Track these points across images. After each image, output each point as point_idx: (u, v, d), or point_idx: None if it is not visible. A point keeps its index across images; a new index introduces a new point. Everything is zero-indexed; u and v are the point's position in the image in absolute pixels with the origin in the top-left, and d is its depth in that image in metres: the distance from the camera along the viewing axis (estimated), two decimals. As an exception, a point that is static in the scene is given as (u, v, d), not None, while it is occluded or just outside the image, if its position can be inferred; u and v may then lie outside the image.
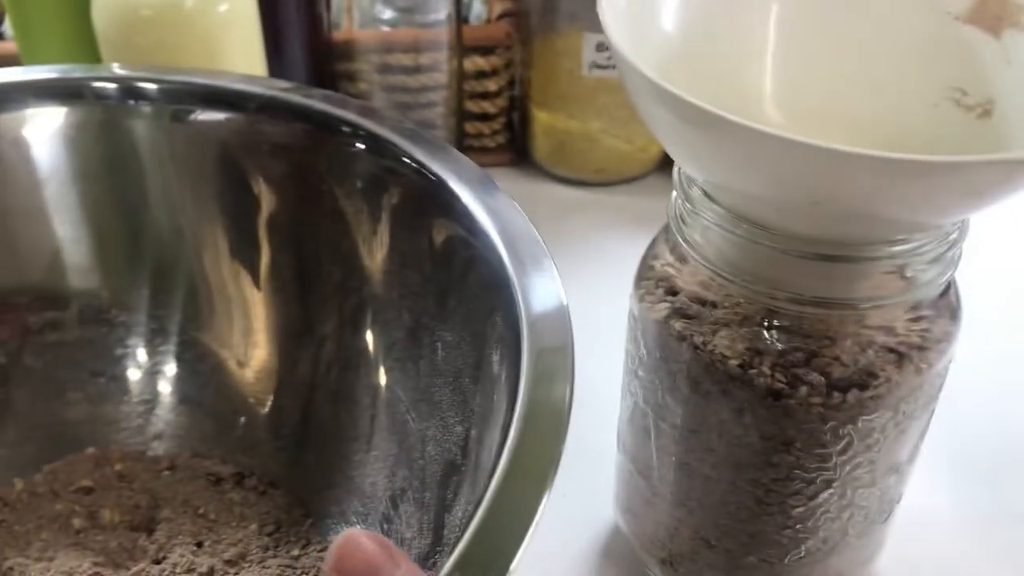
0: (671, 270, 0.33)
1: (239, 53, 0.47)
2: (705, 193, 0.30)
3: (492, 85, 0.63)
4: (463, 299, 0.33)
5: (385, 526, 0.37)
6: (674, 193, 0.32)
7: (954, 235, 0.30)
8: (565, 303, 0.29)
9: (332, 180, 0.36)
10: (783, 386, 0.30)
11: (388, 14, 0.59)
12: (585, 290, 0.37)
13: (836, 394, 0.30)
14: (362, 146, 0.36)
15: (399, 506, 0.37)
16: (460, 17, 0.56)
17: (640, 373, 0.34)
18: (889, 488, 0.34)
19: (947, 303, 0.32)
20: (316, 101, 0.37)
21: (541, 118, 0.64)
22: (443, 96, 0.59)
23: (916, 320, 0.32)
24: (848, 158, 0.22)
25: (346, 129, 0.35)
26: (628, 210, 0.63)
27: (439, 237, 0.34)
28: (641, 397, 0.35)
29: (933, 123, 0.32)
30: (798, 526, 0.33)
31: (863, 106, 0.33)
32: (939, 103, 0.32)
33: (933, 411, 0.35)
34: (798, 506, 0.32)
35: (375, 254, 0.36)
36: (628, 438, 0.37)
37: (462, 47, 0.57)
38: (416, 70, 0.57)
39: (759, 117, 0.33)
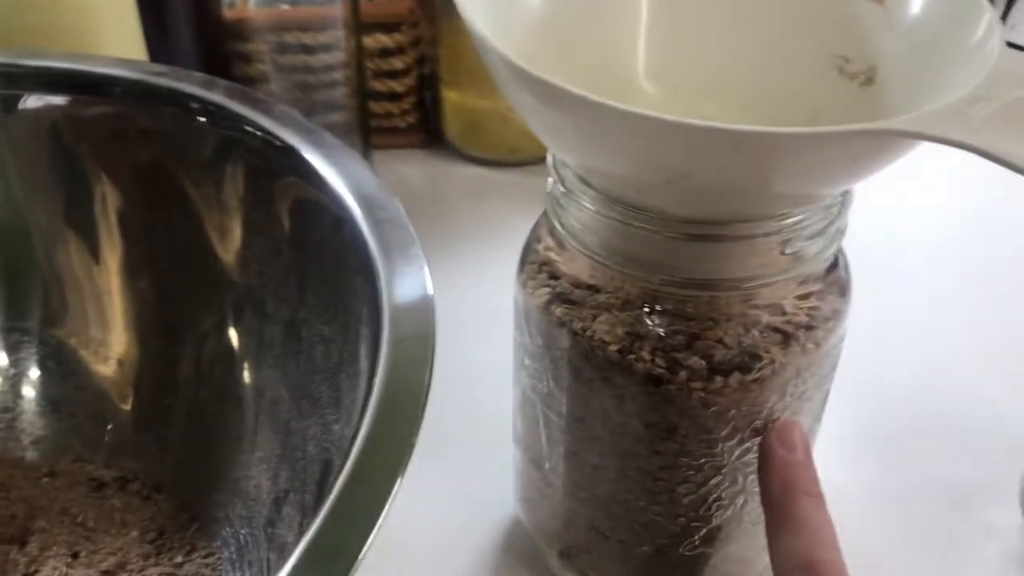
0: (552, 254, 0.32)
1: (113, 37, 0.44)
2: (578, 176, 0.29)
3: (398, 63, 0.61)
4: (332, 290, 0.31)
5: (269, 530, 0.35)
6: (550, 178, 0.30)
7: (835, 208, 0.29)
8: (430, 292, 0.27)
9: (182, 166, 0.34)
10: (663, 371, 0.28)
11: (286, -9, 0.57)
12: (500, 273, 0.36)
13: (718, 378, 0.28)
14: (213, 125, 0.34)
15: (282, 508, 0.35)
16: (356, -7, 0.54)
17: (527, 361, 0.33)
18: (784, 471, 0.33)
19: (836, 278, 0.31)
20: (158, 78, 0.35)
21: (451, 97, 0.62)
22: (345, 76, 0.56)
23: (805, 297, 0.31)
24: (693, 131, 0.21)
25: (196, 106, 0.33)
26: (544, 190, 0.61)
27: (303, 224, 0.32)
28: (529, 386, 0.33)
29: (817, 92, 0.31)
30: (690, 514, 0.32)
31: (746, 77, 0.32)
32: (823, 71, 0.31)
33: (828, 390, 0.34)
34: (688, 494, 0.31)
35: (231, 242, 0.34)
36: (520, 428, 0.36)
37: (360, 24, 0.55)
38: (314, 49, 0.55)
39: (635, 93, 0.32)
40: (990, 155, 0.21)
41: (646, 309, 0.29)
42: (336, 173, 0.31)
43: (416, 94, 0.63)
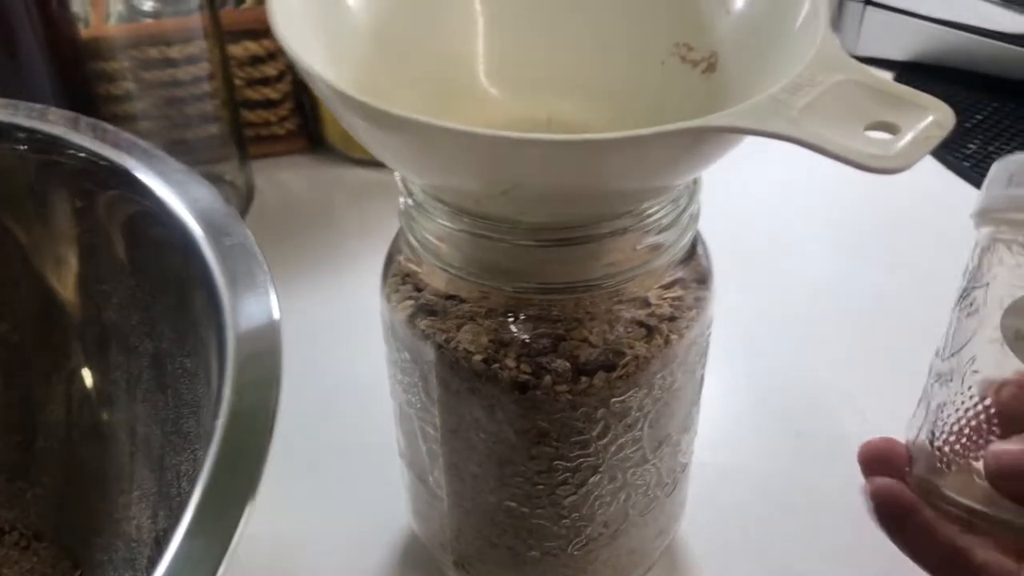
0: (414, 266, 0.31)
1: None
2: (426, 190, 0.28)
3: (270, 70, 0.59)
4: (185, 322, 0.30)
5: (151, 571, 0.34)
6: (400, 195, 0.30)
7: (684, 198, 0.28)
8: (276, 318, 0.26)
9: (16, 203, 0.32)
10: (528, 377, 0.28)
11: (149, 5, 0.55)
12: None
13: (583, 379, 0.28)
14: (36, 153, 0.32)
15: (163, 548, 0.34)
16: (213, 2, 0.52)
17: (399, 375, 0.32)
18: (665, 461, 0.33)
19: (696, 267, 0.31)
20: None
21: (329, 100, 0.61)
22: (213, 87, 0.55)
23: (669, 287, 0.31)
24: (508, 144, 0.20)
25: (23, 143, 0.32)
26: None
27: (150, 257, 0.31)
28: (404, 400, 0.33)
29: (662, 81, 0.31)
30: (573, 515, 0.31)
31: (594, 70, 0.32)
32: (666, 60, 0.31)
33: (702, 377, 0.34)
34: (568, 496, 0.31)
35: (68, 277, 0.33)
36: (402, 441, 0.35)
37: (223, 32, 0.54)
38: (179, 63, 0.53)
39: (478, 98, 0.31)
40: (810, 145, 0.21)
41: (510, 317, 0.29)
42: (180, 200, 0.30)
43: (293, 99, 0.62)
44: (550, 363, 0.28)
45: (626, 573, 0.35)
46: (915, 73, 0.74)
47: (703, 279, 0.31)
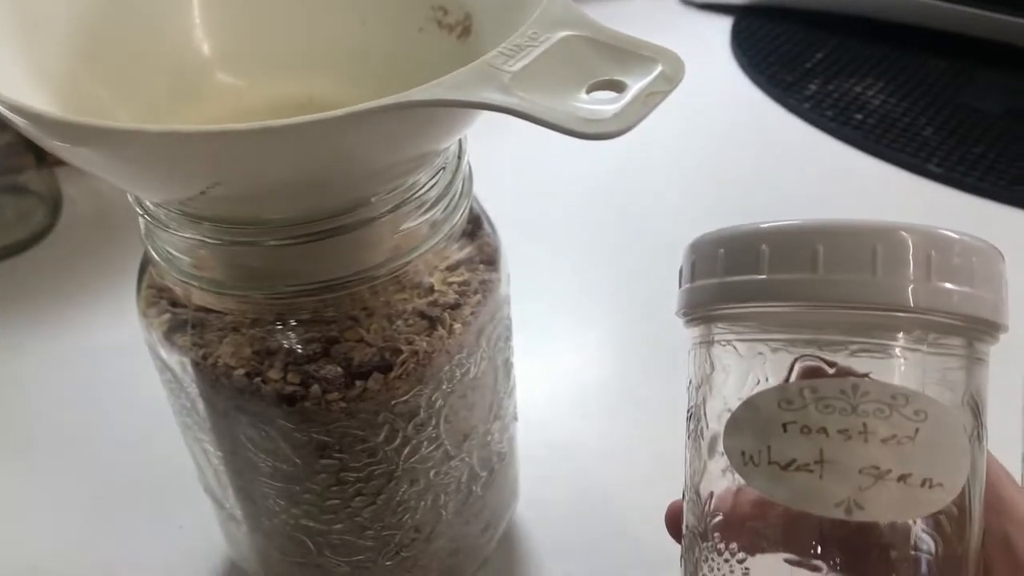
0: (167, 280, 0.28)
1: None
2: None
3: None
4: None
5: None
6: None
7: (446, 170, 0.26)
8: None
9: None
10: (296, 388, 0.26)
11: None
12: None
13: (358, 383, 0.26)
14: None
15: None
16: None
17: (170, 398, 0.30)
18: (476, 454, 0.31)
19: (482, 248, 0.29)
20: None
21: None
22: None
23: (454, 269, 0.29)
24: (182, 139, 0.18)
25: None
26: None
27: None
28: (182, 423, 0.30)
29: (420, 48, 0.28)
30: (376, 525, 0.29)
31: (351, 43, 0.29)
32: (424, 26, 0.28)
33: (508, 362, 0.32)
34: (367, 506, 0.29)
35: None
36: (196, 467, 0.32)
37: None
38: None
39: (212, 88, 0.28)
40: (520, 114, 0.18)
41: (278, 324, 0.26)
42: None
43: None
44: (318, 370, 0.26)
45: (455, 574, 0.34)
46: (754, 15, 0.73)
47: (490, 260, 0.29)
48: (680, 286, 0.23)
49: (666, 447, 0.26)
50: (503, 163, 0.57)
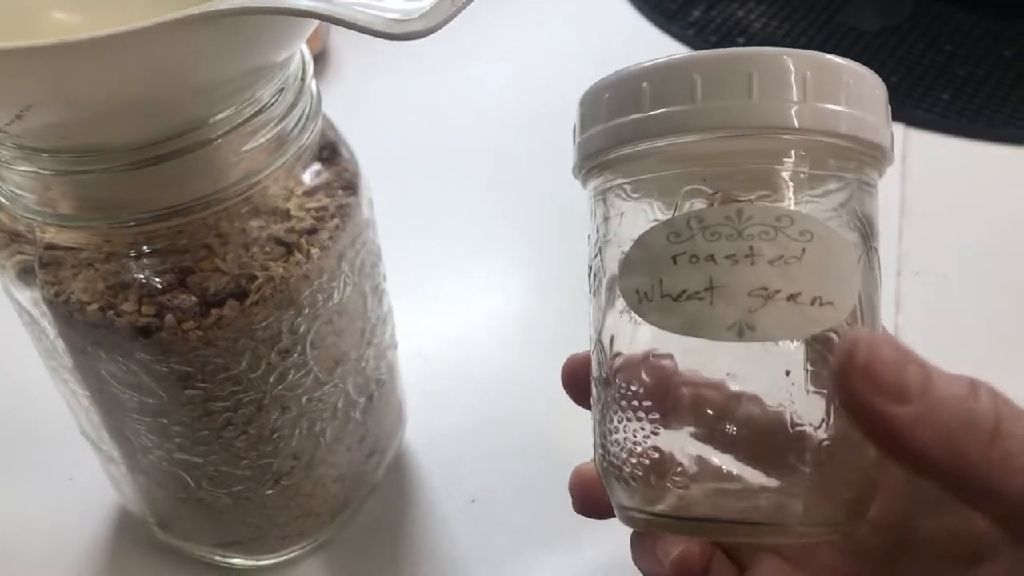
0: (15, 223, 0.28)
1: None
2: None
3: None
4: None
5: None
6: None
7: (275, 96, 0.26)
8: None
9: None
10: (150, 319, 0.26)
11: None
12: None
13: (213, 311, 0.26)
14: None
15: None
16: None
17: (38, 343, 0.29)
18: (350, 380, 0.31)
19: (339, 173, 0.29)
20: None
21: None
22: None
23: (311, 194, 0.29)
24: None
25: None
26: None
27: None
28: (49, 365, 0.30)
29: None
30: (252, 454, 0.29)
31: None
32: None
33: (379, 288, 0.32)
34: (238, 436, 0.29)
35: None
36: (71, 412, 0.32)
37: None
38: None
39: (43, 25, 0.28)
40: (322, 16, 0.18)
41: (132, 254, 0.26)
42: None
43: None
44: (172, 300, 0.26)
45: (342, 502, 0.34)
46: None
47: (348, 185, 0.29)
48: (573, 142, 0.23)
49: (556, 375, 0.26)
50: (384, 99, 0.57)
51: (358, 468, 0.34)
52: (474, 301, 0.45)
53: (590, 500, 0.25)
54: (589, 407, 0.25)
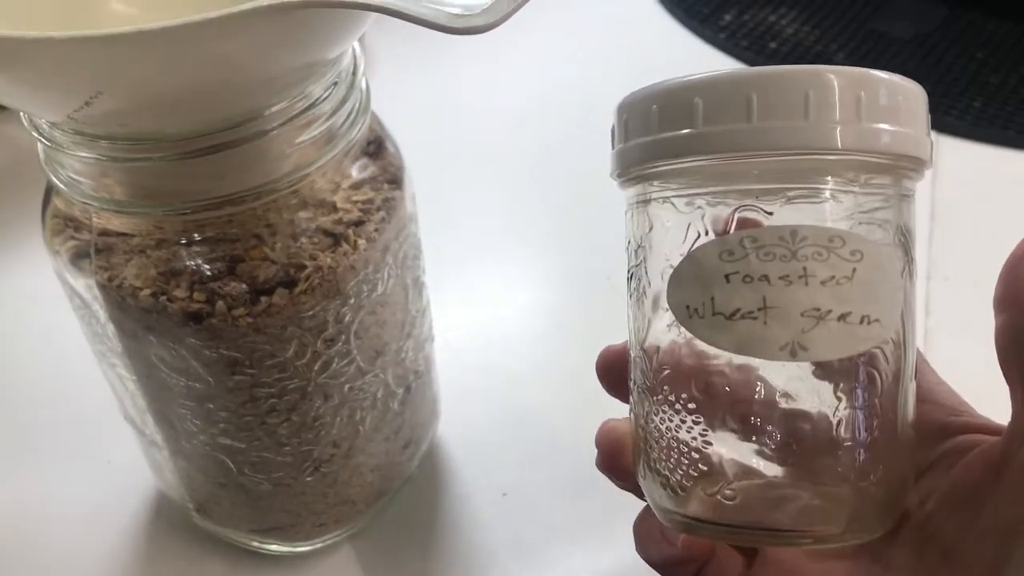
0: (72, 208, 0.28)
1: None
2: (51, 123, 0.25)
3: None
4: None
5: None
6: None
7: (342, 83, 0.26)
8: None
9: None
10: (202, 305, 0.26)
11: None
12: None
13: (263, 299, 0.26)
14: None
15: None
16: None
17: (83, 326, 0.30)
18: (388, 371, 0.31)
19: (385, 167, 0.30)
20: None
21: None
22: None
23: (358, 188, 0.29)
24: (55, 44, 0.18)
25: None
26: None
27: None
28: (96, 350, 0.30)
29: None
30: (294, 440, 0.30)
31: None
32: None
33: (419, 281, 0.32)
34: (281, 422, 0.29)
35: None
36: (115, 397, 0.33)
37: None
38: None
39: (104, 16, 0.28)
40: (386, 10, 0.19)
41: (183, 241, 0.27)
42: None
43: None
44: (223, 287, 0.26)
45: (378, 491, 0.34)
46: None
47: (394, 179, 0.30)
48: (613, 147, 0.23)
49: (588, 369, 0.26)
50: (429, 98, 0.58)
51: (394, 458, 0.34)
52: (507, 295, 0.45)
53: (615, 461, 0.25)
54: (622, 398, 0.25)
